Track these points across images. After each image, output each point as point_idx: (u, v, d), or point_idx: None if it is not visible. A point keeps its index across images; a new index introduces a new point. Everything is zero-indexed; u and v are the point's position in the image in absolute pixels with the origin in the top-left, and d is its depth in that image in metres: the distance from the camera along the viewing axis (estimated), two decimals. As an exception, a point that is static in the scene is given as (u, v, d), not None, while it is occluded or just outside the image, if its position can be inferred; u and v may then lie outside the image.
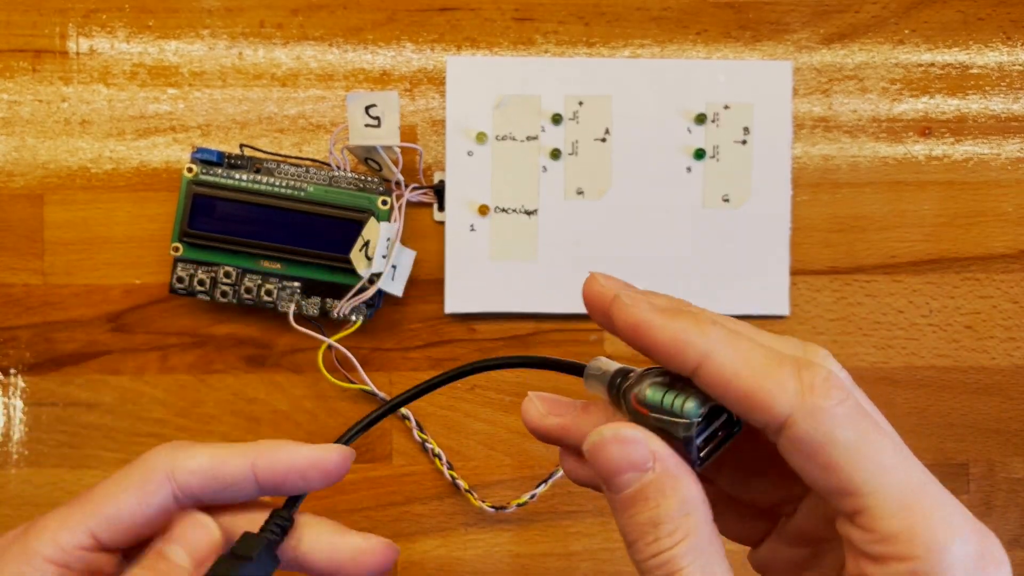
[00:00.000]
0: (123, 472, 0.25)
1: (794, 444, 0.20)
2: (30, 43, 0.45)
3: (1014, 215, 0.46)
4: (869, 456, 0.20)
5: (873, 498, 0.19)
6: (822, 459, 0.20)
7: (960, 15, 0.46)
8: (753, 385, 0.20)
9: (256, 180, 0.43)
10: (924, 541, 0.19)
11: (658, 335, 0.21)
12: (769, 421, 0.20)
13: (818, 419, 0.20)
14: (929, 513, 0.19)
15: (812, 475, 0.20)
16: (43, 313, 0.45)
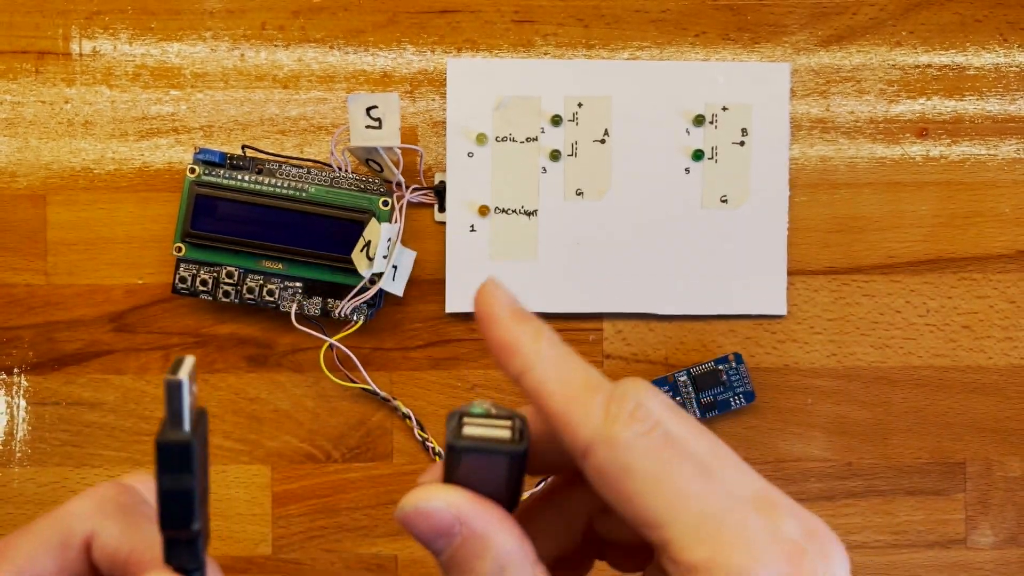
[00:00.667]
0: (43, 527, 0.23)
1: (594, 472, 0.20)
2: (33, 45, 0.45)
3: (1011, 215, 0.46)
4: (668, 486, 0.19)
5: (673, 529, 0.19)
6: (621, 489, 0.19)
7: (957, 17, 0.46)
8: (563, 407, 0.20)
9: (258, 181, 0.43)
10: (726, 571, 0.19)
11: (496, 333, 0.21)
12: (574, 446, 0.20)
13: (616, 449, 0.19)
14: (730, 540, 0.19)
15: (617, 506, 0.20)
16: (46, 313, 0.45)
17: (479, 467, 0.21)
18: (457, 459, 0.21)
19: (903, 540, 0.46)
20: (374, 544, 0.45)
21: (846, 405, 0.46)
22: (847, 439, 0.46)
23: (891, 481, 0.46)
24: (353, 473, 0.45)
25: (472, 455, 0.21)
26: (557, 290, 0.45)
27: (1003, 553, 0.46)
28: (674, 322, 0.46)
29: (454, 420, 0.21)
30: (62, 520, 0.23)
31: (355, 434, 0.45)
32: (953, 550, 0.46)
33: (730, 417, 0.45)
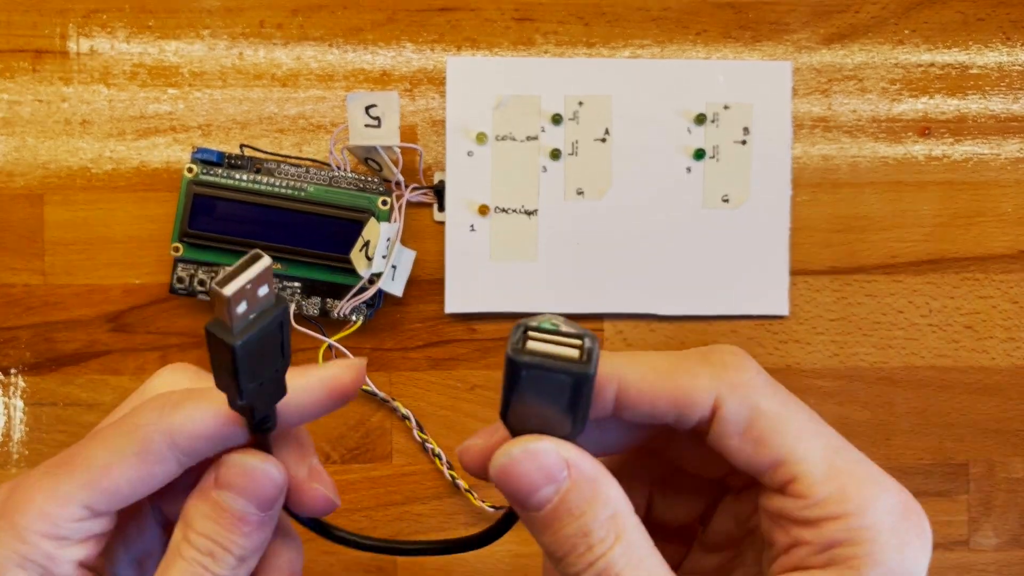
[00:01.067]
0: (116, 437, 0.23)
1: (725, 426, 0.21)
2: (30, 43, 0.45)
3: (1014, 215, 0.46)
4: (795, 425, 0.21)
5: (804, 465, 0.20)
6: (753, 433, 0.21)
7: (960, 15, 0.46)
8: (673, 384, 0.21)
9: (256, 180, 0.43)
10: (854, 500, 0.20)
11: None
12: (700, 414, 0.21)
13: (741, 393, 0.21)
14: (854, 473, 0.21)
15: (744, 454, 0.21)
16: (43, 313, 0.45)
17: (540, 388, 0.20)
18: (516, 376, 0.19)
19: (905, 542, 0.46)
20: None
21: (848, 406, 0.46)
22: (849, 440, 0.46)
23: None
24: (352, 474, 0.45)
25: (533, 372, 0.19)
26: (557, 290, 0.45)
27: (1006, 555, 0.46)
28: (675, 322, 0.45)
29: (518, 332, 0.20)
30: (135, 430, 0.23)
31: (354, 435, 0.45)
32: (956, 552, 0.46)
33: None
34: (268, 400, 0.22)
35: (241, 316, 0.19)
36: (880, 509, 0.20)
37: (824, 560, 0.20)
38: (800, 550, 0.21)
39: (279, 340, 0.21)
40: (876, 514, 0.20)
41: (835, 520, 0.20)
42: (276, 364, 0.22)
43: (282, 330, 0.21)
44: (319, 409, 0.24)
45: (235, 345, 0.20)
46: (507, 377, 0.20)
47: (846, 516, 0.20)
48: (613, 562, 0.20)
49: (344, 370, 0.24)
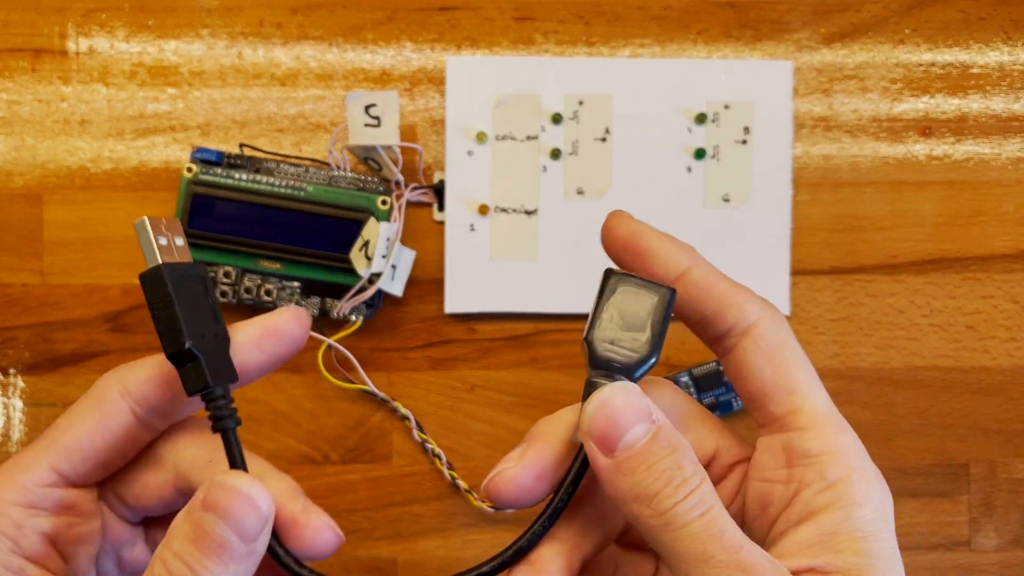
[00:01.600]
0: (78, 402, 0.25)
1: (758, 343, 0.23)
2: (29, 42, 0.45)
3: (1015, 215, 0.46)
4: (807, 367, 0.23)
5: (811, 399, 0.23)
6: (778, 358, 0.23)
7: (961, 15, 0.46)
8: (731, 290, 0.24)
9: (256, 180, 0.43)
10: (846, 440, 0.22)
11: (653, 241, 0.24)
12: (739, 321, 0.23)
13: (779, 325, 0.23)
14: (842, 424, 0.23)
15: (764, 374, 0.23)
16: (42, 313, 0.44)
17: (630, 302, 0.23)
18: (614, 287, 0.23)
19: (906, 542, 0.46)
20: (373, 546, 0.45)
21: (849, 406, 0.46)
22: (850, 440, 0.46)
23: (894, 483, 0.46)
24: (351, 475, 0.45)
25: (629, 284, 0.23)
26: (557, 290, 0.45)
27: (1007, 555, 0.46)
28: (675, 322, 0.45)
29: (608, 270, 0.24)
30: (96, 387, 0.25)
31: (353, 435, 0.45)
32: (957, 552, 0.46)
33: (732, 418, 0.45)
34: (217, 369, 0.24)
35: (164, 248, 0.22)
36: (862, 454, 0.23)
37: (828, 499, 0.22)
38: (804, 494, 0.22)
39: (208, 302, 0.23)
40: (861, 457, 0.22)
41: (833, 455, 0.22)
42: (213, 326, 0.24)
43: (207, 290, 0.23)
44: (264, 353, 0.25)
45: (160, 264, 0.22)
46: (601, 292, 0.23)
47: (843, 453, 0.22)
48: (707, 494, 0.21)
49: (284, 313, 0.26)
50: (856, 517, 0.22)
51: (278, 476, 0.25)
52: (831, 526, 0.22)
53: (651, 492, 0.21)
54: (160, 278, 0.22)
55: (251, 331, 0.25)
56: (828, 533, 0.21)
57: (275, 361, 0.26)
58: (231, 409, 0.24)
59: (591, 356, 0.23)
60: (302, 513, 0.24)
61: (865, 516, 0.22)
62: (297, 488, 0.25)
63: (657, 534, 0.21)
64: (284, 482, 0.25)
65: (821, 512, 0.22)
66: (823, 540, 0.21)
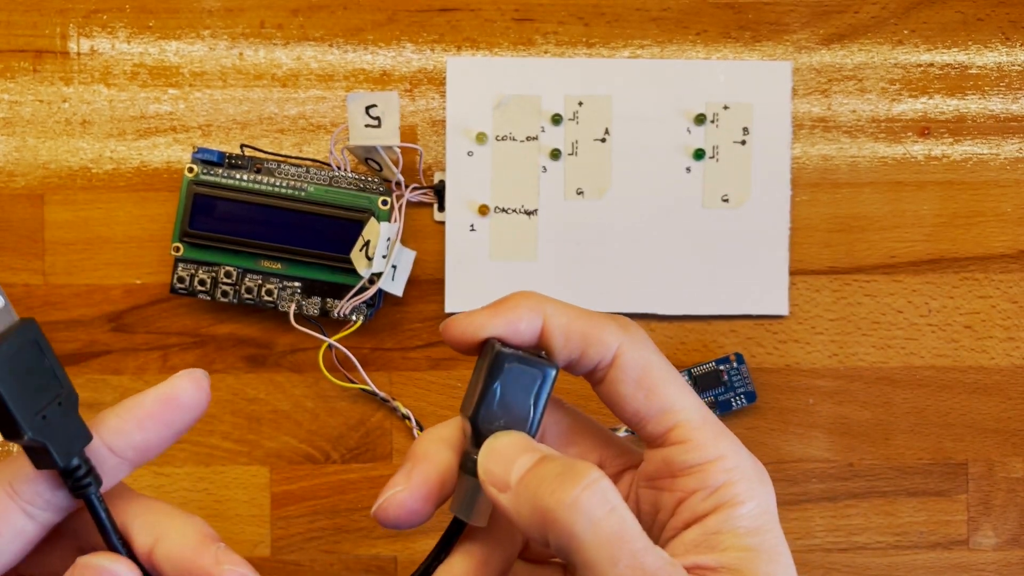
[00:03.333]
0: None
1: (622, 372, 0.24)
2: (31, 43, 0.45)
3: (1013, 215, 0.46)
4: (674, 381, 0.24)
5: (685, 413, 0.23)
6: (646, 382, 0.24)
7: (959, 16, 0.46)
8: (588, 326, 0.24)
9: (257, 180, 0.43)
10: (723, 444, 0.23)
11: (506, 311, 0.24)
12: (603, 354, 0.24)
13: (639, 347, 0.24)
14: (718, 429, 0.24)
15: (636, 400, 0.24)
16: (44, 313, 0.45)
17: (514, 381, 0.23)
18: (499, 366, 0.23)
19: (905, 541, 0.46)
20: (373, 545, 0.45)
21: (848, 405, 0.46)
22: (849, 440, 0.46)
23: (893, 482, 0.46)
24: (352, 474, 0.45)
25: (514, 363, 0.23)
26: (557, 290, 0.45)
27: (1005, 555, 0.46)
28: (675, 322, 0.46)
29: (492, 343, 0.24)
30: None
31: (354, 435, 0.45)
32: (955, 551, 0.46)
33: (731, 418, 0.45)
34: (66, 440, 0.21)
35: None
36: (742, 455, 0.24)
37: (711, 504, 0.23)
38: (689, 501, 0.23)
39: (45, 364, 0.20)
40: (740, 457, 0.23)
41: (713, 463, 0.23)
42: (55, 391, 0.21)
43: (42, 352, 0.20)
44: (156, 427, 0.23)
45: None
46: (488, 372, 0.23)
47: (722, 458, 0.23)
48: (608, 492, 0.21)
49: (182, 378, 0.23)
50: (738, 515, 0.22)
51: (185, 522, 0.23)
52: (715, 526, 0.22)
53: (547, 494, 0.21)
54: None
55: (141, 409, 0.23)
56: (712, 533, 0.22)
57: (172, 435, 0.23)
58: (89, 474, 0.22)
59: (475, 435, 0.24)
60: (214, 564, 0.22)
61: (747, 513, 0.23)
62: (208, 533, 0.23)
63: (565, 542, 0.20)
64: (192, 527, 0.23)
65: (706, 515, 0.23)
66: (708, 540, 0.22)
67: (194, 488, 0.45)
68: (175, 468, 0.45)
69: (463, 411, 0.24)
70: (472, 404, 0.23)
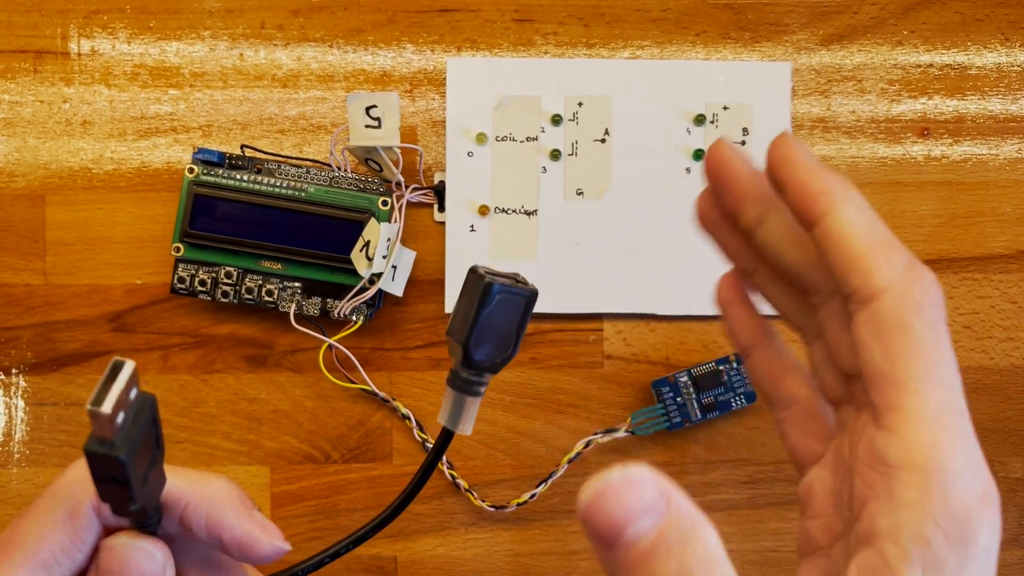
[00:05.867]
0: (46, 505, 0.23)
1: (872, 318, 0.20)
2: (31, 44, 0.45)
3: (1012, 215, 0.46)
4: (932, 361, 0.19)
5: (917, 399, 0.19)
6: (890, 340, 0.19)
7: (959, 16, 0.46)
8: (867, 248, 0.20)
9: (257, 181, 0.43)
10: (940, 460, 0.19)
11: (803, 175, 0.21)
12: (860, 287, 0.20)
13: (906, 305, 0.19)
14: (953, 438, 0.19)
15: (870, 354, 0.20)
16: (44, 313, 0.45)
17: (501, 309, 0.25)
18: (491, 297, 0.25)
19: (904, 541, 0.46)
20: (374, 545, 0.45)
21: (847, 405, 0.46)
22: (848, 440, 0.46)
23: (892, 482, 0.46)
24: (352, 474, 0.45)
25: (501, 293, 0.25)
26: (557, 290, 0.45)
27: (1005, 555, 0.46)
28: (675, 322, 0.46)
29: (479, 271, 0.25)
30: (63, 491, 0.23)
31: (354, 435, 0.45)
32: (954, 551, 0.46)
33: (731, 417, 0.45)
34: (154, 493, 0.23)
35: (121, 426, 0.20)
36: (960, 488, 0.19)
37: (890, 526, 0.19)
38: (870, 507, 0.19)
39: (154, 434, 0.22)
40: (951, 479, 0.19)
41: (911, 473, 0.19)
42: (155, 455, 0.22)
43: (155, 424, 0.22)
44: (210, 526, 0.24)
45: (122, 458, 0.20)
46: (480, 301, 0.25)
47: (926, 473, 0.19)
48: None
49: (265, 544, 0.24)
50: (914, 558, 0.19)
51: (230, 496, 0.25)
52: (892, 560, 0.19)
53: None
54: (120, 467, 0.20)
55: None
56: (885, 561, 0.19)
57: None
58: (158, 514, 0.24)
59: (465, 358, 0.26)
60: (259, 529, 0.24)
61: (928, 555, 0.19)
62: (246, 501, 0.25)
63: None
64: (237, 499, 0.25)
65: (881, 540, 0.19)
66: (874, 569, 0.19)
67: (194, 488, 0.45)
68: (175, 468, 0.45)
69: (452, 334, 0.26)
70: (464, 330, 0.25)
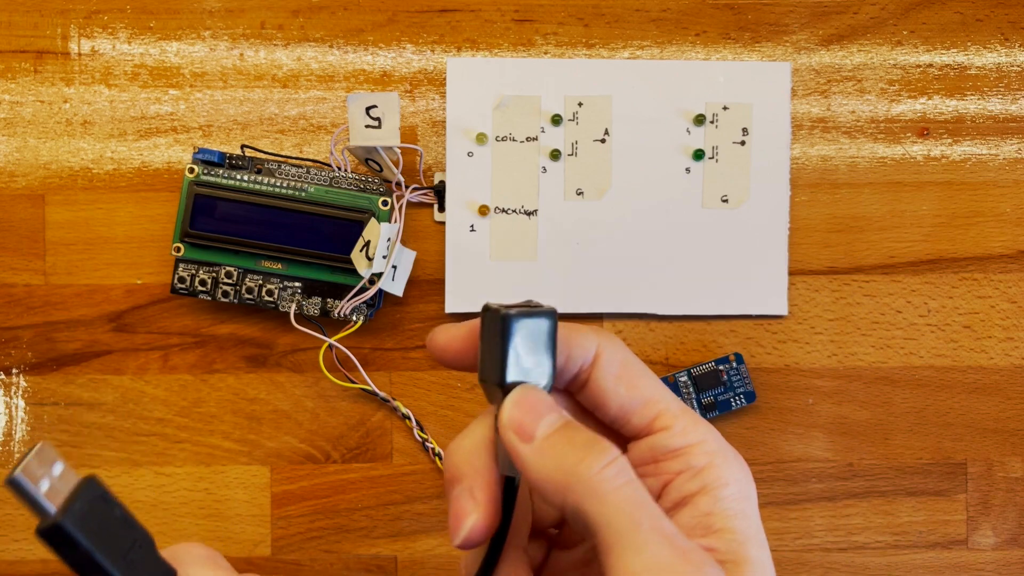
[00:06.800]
0: None
1: (604, 369, 0.25)
2: (32, 44, 0.45)
3: (1012, 215, 0.46)
4: (650, 375, 0.25)
5: (664, 403, 0.25)
6: (626, 376, 0.25)
7: (958, 16, 0.46)
8: (568, 334, 0.26)
9: (257, 181, 0.43)
10: (701, 431, 0.24)
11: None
12: (585, 354, 0.26)
13: (616, 346, 0.26)
14: (694, 416, 0.25)
15: (619, 394, 0.25)
16: (45, 313, 0.45)
17: (525, 336, 0.25)
18: (510, 327, 0.25)
19: (904, 541, 0.46)
20: (374, 545, 0.45)
21: (847, 405, 0.46)
22: (848, 439, 0.46)
23: (892, 481, 0.46)
24: (352, 474, 0.45)
25: (520, 320, 0.25)
26: (557, 290, 0.45)
27: (1004, 554, 0.46)
28: (674, 322, 0.46)
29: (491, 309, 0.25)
30: None
31: (354, 435, 0.45)
32: (954, 551, 0.46)
33: (731, 417, 0.45)
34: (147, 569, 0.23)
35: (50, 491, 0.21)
36: (719, 440, 0.25)
37: (697, 485, 0.24)
38: (675, 483, 0.24)
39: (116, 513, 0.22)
40: (719, 442, 0.24)
41: (695, 446, 0.24)
42: (131, 536, 0.22)
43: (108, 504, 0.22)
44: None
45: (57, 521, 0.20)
46: (501, 334, 0.25)
47: (703, 442, 0.24)
48: (626, 466, 0.22)
49: None
50: (724, 497, 0.24)
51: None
52: (705, 507, 0.24)
53: (574, 462, 0.22)
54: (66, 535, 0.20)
55: None
56: (704, 514, 0.23)
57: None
58: None
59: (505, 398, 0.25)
60: None
61: (731, 495, 0.24)
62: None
63: (585, 505, 0.22)
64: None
65: (694, 497, 0.24)
66: (702, 521, 0.23)
67: (195, 488, 0.45)
68: (176, 468, 0.45)
69: (487, 378, 0.25)
70: (497, 369, 0.25)
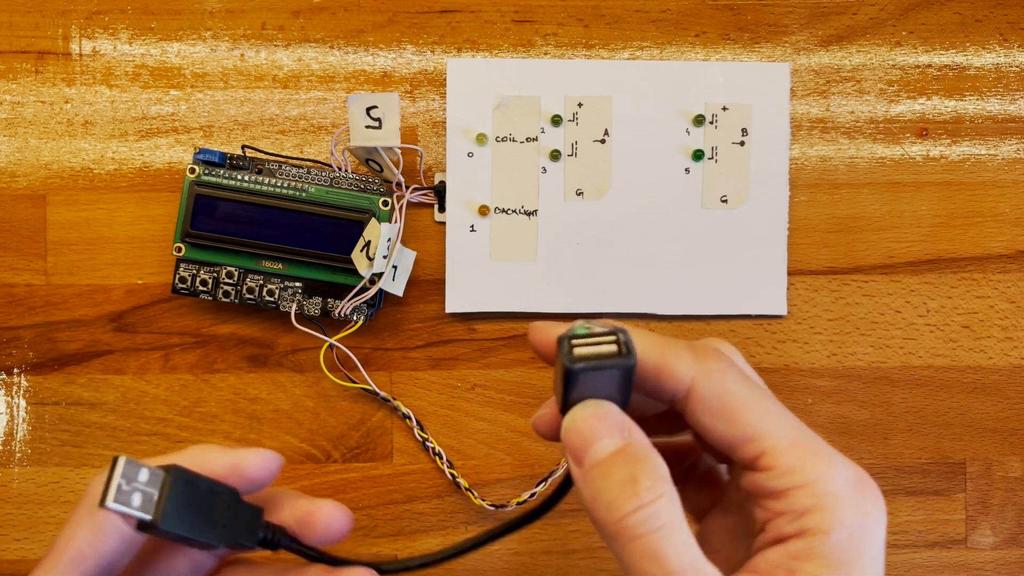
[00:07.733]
0: (74, 510, 0.26)
1: (699, 403, 0.24)
2: (33, 44, 0.45)
3: (1011, 215, 0.46)
4: (761, 406, 0.23)
5: (769, 439, 0.23)
6: (724, 412, 0.23)
7: (957, 17, 0.46)
8: (660, 359, 0.24)
9: (258, 181, 0.43)
10: (815, 469, 0.23)
11: None
12: (677, 387, 0.24)
13: (714, 378, 0.24)
14: (812, 447, 0.23)
15: (718, 430, 0.23)
16: (46, 313, 0.45)
17: (595, 384, 0.23)
18: (575, 380, 0.23)
19: (903, 540, 0.46)
20: (374, 544, 0.45)
21: (846, 405, 0.46)
22: (847, 439, 0.46)
23: (891, 481, 0.46)
24: (353, 473, 0.45)
25: (588, 374, 0.23)
26: (557, 290, 0.45)
27: (1003, 553, 0.46)
28: (674, 322, 0.46)
29: (565, 345, 0.23)
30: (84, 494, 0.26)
31: (355, 434, 0.45)
32: (953, 550, 0.46)
33: (730, 417, 0.45)
34: (248, 527, 0.26)
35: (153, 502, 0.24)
36: (839, 478, 0.23)
37: (796, 528, 0.22)
38: (775, 523, 0.23)
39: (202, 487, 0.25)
40: (836, 482, 0.23)
41: (800, 488, 0.23)
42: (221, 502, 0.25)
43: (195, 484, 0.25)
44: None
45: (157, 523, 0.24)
46: (566, 383, 0.23)
47: (810, 484, 0.23)
48: (661, 510, 0.22)
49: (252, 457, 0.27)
50: (825, 543, 0.22)
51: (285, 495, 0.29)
52: (797, 551, 0.22)
53: (607, 500, 0.22)
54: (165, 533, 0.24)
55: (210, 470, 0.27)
56: (793, 557, 0.22)
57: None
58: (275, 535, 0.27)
59: None
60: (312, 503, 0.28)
61: (835, 541, 0.22)
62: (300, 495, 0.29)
63: (611, 542, 0.22)
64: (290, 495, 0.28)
65: (789, 539, 0.23)
66: (788, 563, 0.22)
67: (195, 487, 0.45)
68: (176, 467, 0.45)
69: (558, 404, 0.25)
70: (562, 407, 0.24)
